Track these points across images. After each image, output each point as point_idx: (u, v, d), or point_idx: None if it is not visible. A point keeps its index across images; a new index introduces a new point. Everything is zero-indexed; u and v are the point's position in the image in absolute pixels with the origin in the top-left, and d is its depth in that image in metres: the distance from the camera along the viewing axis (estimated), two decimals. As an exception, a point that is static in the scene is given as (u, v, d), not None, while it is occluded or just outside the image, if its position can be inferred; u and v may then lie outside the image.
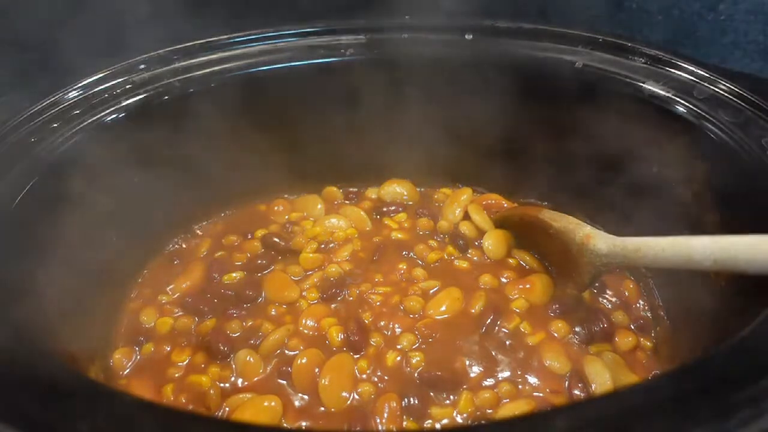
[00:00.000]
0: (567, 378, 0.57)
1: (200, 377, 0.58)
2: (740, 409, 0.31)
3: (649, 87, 0.64)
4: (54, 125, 0.61)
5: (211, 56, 0.73)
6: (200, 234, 0.78)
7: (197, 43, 0.74)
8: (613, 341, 0.62)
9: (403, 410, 0.54)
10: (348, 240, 0.75)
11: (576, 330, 0.62)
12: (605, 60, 0.69)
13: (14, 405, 0.34)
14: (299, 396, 0.57)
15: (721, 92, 0.61)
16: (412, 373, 0.58)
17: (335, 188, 0.83)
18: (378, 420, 0.54)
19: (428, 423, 0.54)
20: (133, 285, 0.70)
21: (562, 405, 0.37)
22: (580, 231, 0.61)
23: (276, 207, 0.81)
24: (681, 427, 0.31)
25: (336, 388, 0.56)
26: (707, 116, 0.59)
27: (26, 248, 0.53)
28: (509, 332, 0.62)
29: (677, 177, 0.64)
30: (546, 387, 0.57)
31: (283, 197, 0.83)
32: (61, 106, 0.63)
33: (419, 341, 0.61)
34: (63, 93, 0.64)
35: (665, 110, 0.63)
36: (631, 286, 0.68)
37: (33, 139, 0.59)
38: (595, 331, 0.62)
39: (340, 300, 0.66)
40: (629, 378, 0.58)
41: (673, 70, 0.65)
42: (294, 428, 0.54)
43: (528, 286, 0.66)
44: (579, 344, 0.61)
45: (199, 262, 0.72)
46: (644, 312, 0.66)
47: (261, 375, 0.59)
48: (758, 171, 0.53)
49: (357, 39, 0.76)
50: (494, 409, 0.55)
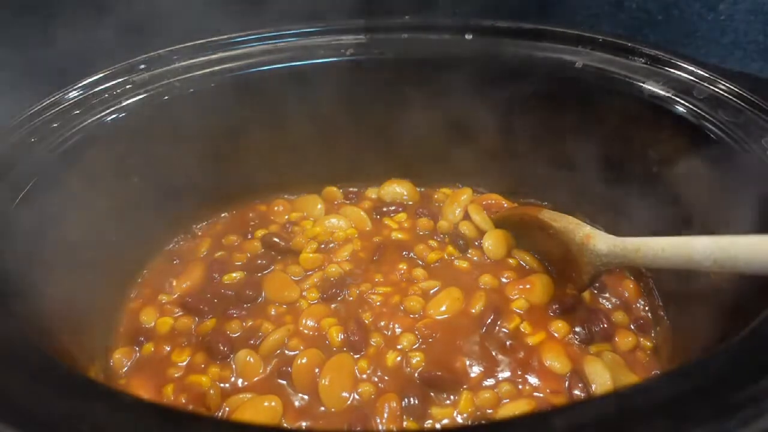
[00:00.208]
0: (567, 378, 0.57)
1: (200, 377, 0.58)
2: (740, 409, 0.31)
3: (649, 87, 0.64)
4: (54, 125, 0.61)
5: (211, 56, 0.73)
6: (200, 234, 0.78)
7: (197, 43, 0.74)
8: (613, 341, 0.62)
9: (404, 410, 0.54)
10: (348, 240, 0.75)
11: (576, 330, 0.63)
12: (605, 60, 0.69)
13: (14, 405, 0.34)
14: (299, 396, 0.57)
15: (721, 92, 0.61)
16: (413, 373, 0.58)
17: (335, 188, 0.83)
18: (378, 420, 0.54)
19: (428, 423, 0.54)
20: (133, 285, 0.70)
21: (562, 405, 0.37)
22: (580, 231, 0.61)
23: (276, 207, 0.81)
24: (681, 427, 0.30)
25: (336, 388, 0.56)
26: (707, 116, 0.59)
27: (26, 248, 0.53)
28: (509, 332, 0.62)
29: (677, 177, 0.64)
30: (546, 387, 0.57)
31: (283, 197, 0.83)
32: (61, 106, 0.63)
33: (419, 341, 0.61)
34: (63, 93, 0.64)
35: (665, 110, 0.63)
36: (631, 286, 0.68)
37: (33, 139, 0.59)
38: (595, 331, 0.62)
39: (340, 300, 0.66)
40: (629, 378, 0.58)
41: (673, 70, 0.65)
42: (294, 428, 0.54)
43: (528, 286, 0.66)
44: (579, 344, 0.61)
45: (199, 262, 0.72)
46: (644, 312, 0.66)
47: (261, 375, 0.59)
48: (758, 171, 0.53)
49: (357, 39, 0.76)
50: (494, 409, 0.55)
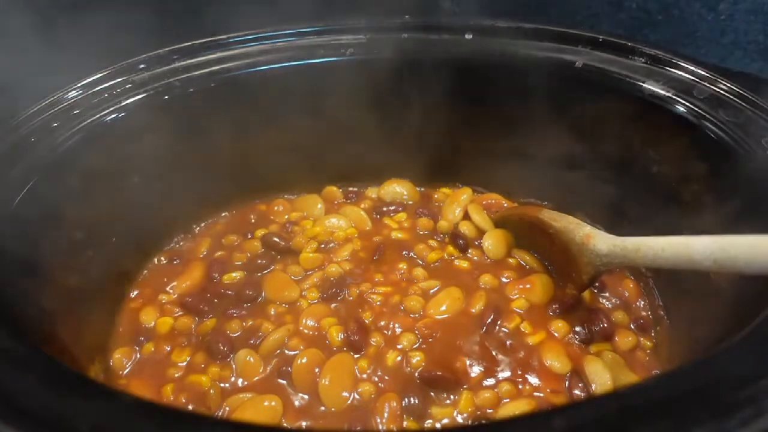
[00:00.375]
0: (567, 378, 0.57)
1: (200, 377, 0.58)
2: (740, 409, 0.31)
3: (649, 87, 0.64)
4: (54, 125, 0.61)
5: (211, 56, 0.73)
6: (200, 234, 0.78)
7: (197, 43, 0.74)
8: (613, 341, 0.62)
9: (404, 410, 0.54)
10: (348, 240, 0.75)
11: (576, 330, 0.63)
12: (605, 60, 0.69)
13: (14, 404, 0.33)
14: (299, 396, 0.57)
15: (721, 92, 0.61)
16: (413, 373, 0.58)
17: (335, 188, 0.83)
18: (378, 420, 0.54)
19: (428, 423, 0.54)
20: (133, 285, 0.70)
21: (563, 405, 0.37)
22: (580, 231, 0.61)
23: (276, 207, 0.81)
24: (681, 427, 0.30)
25: (336, 388, 0.56)
26: (707, 116, 0.59)
27: (26, 248, 0.53)
28: (509, 332, 0.62)
29: (677, 177, 0.64)
30: (546, 387, 0.57)
31: (283, 197, 0.83)
32: (61, 106, 0.63)
33: (419, 341, 0.61)
34: (63, 93, 0.64)
35: (665, 110, 0.63)
36: (631, 286, 0.68)
37: (33, 139, 0.59)
38: (595, 331, 0.62)
39: (340, 300, 0.66)
40: (629, 378, 0.58)
41: (673, 70, 0.65)
42: (294, 428, 0.54)
43: (528, 286, 0.66)
44: (579, 344, 0.61)
45: (199, 262, 0.72)
46: (644, 312, 0.66)
47: (261, 375, 0.59)
48: (758, 171, 0.53)
49: (357, 39, 0.76)
50: (494, 409, 0.55)
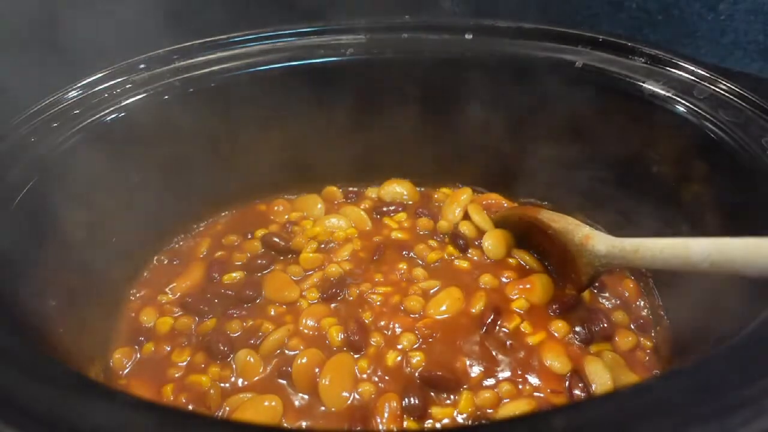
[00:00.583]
0: (567, 378, 0.57)
1: (200, 377, 0.58)
2: (740, 409, 0.31)
3: (649, 87, 0.64)
4: (54, 125, 0.61)
5: (211, 56, 0.73)
6: (200, 234, 0.78)
7: (197, 43, 0.74)
8: (614, 341, 0.62)
9: (404, 410, 0.54)
10: (348, 240, 0.74)
11: (576, 330, 0.63)
12: (605, 60, 0.69)
13: (14, 405, 0.33)
14: (299, 396, 0.57)
15: (721, 92, 0.61)
16: (413, 373, 0.58)
17: (335, 188, 0.83)
18: (378, 420, 0.54)
19: (429, 423, 0.54)
20: (133, 285, 0.70)
21: (563, 405, 0.37)
22: (579, 231, 0.61)
23: (276, 207, 0.81)
24: (681, 427, 0.31)
25: (336, 388, 0.56)
26: (707, 116, 0.59)
27: (26, 248, 0.53)
28: (509, 332, 0.62)
29: (677, 177, 0.64)
30: (546, 387, 0.57)
31: (283, 197, 0.83)
32: (61, 106, 0.63)
33: (419, 341, 0.61)
34: (63, 93, 0.64)
35: (665, 110, 0.63)
36: (631, 286, 0.68)
37: (33, 139, 0.59)
38: (596, 331, 0.62)
39: (340, 300, 0.66)
40: (629, 378, 0.58)
41: (673, 70, 0.65)
42: (294, 428, 0.54)
43: (528, 286, 0.66)
44: (579, 344, 0.61)
45: (199, 262, 0.72)
46: (644, 312, 0.66)
47: (261, 375, 0.59)
48: (758, 171, 0.53)
49: (357, 39, 0.76)
50: (495, 409, 0.55)
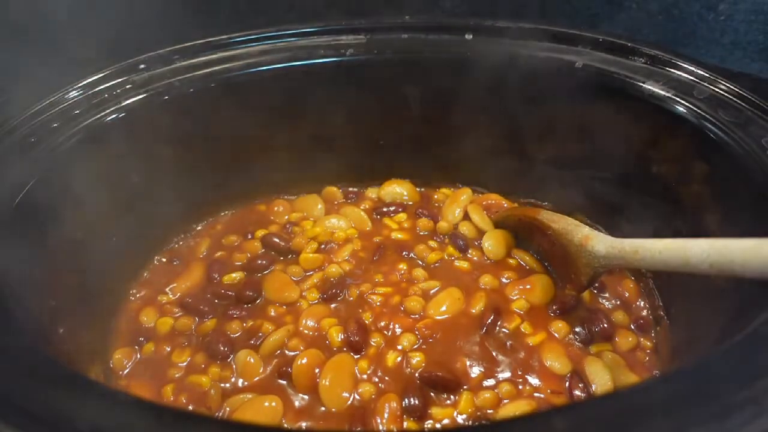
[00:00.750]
0: (567, 378, 0.57)
1: (200, 377, 0.58)
2: (740, 409, 0.31)
3: (649, 87, 0.64)
4: (54, 125, 0.61)
5: (211, 56, 0.73)
6: (200, 234, 0.78)
7: (197, 43, 0.74)
8: (614, 341, 0.62)
9: (404, 410, 0.54)
10: (348, 240, 0.74)
11: (576, 330, 0.63)
12: (605, 60, 0.69)
13: (14, 405, 0.33)
14: (299, 396, 0.57)
15: (721, 92, 0.61)
16: (413, 374, 0.58)
17: (335, 188, 0.83)
18: (378, 420, 0.54)
19: (429, 423, 0.54)
20: (133, 285, 0.70)
21: (563, 405, 0.37)
22: (579, 232, 0.61)
23: (276, 207, 0.81)
24: (681, 427, 0.30)
25: (336, 389, 0.56)
26: (707, 116, 0.59)
27: (26, 248, 0.53)
28: (510, 332, 0.62)
29: (677, 177, 0.64)
30: (547, 387, 0.57)
31: (283, 197, 0.83)
32: (61, 106, 0.63)
33: (420, 341, 0.61)
34: (63, 93, 0.64)
35: (665, 110, 0.63)
36: (631, 286, 0.68)
37: (33, 139, 0.59)
38: (596, 331, 0.62)
39: (341, 300, 0.66)
40: (629, 378, 0.58)
41: (673, 70, 0.65)
42: (294, 428, 0.54)
43: (528, 287, 0.66)
44: (579, 344, 0.61)
45: (199, 262, 0.72)
46: (644, 312, 0.66)
47: (261, 375, 0.59)
48: (758, 171, 0.53)
49: (357, 39, 0.76)
50: (495, 410, 0.55)
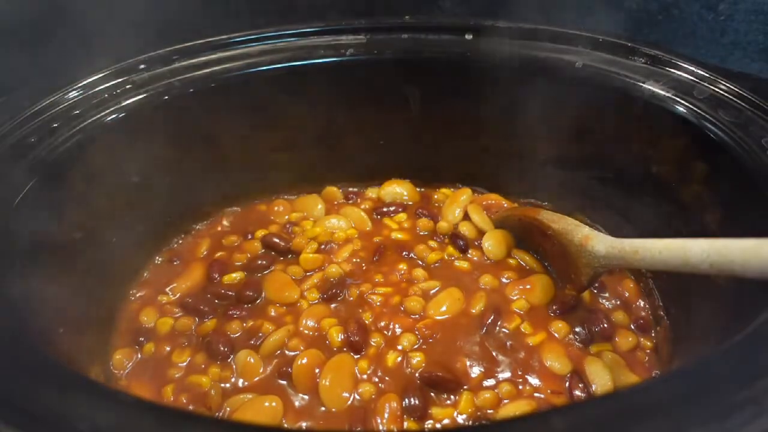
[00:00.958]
0: (567, 378, 0.57)
1: (201, 377, 0.58)
2: (740, 409, 0.31)
3: (649, 87, 0.64)
4: (54, 125, 0.61)
5: (211, 56, 0.73)
6: (200, 234, 0.78)
7: (197, 43, 0.74)
8: (614, 341, 0.62)
9: (404, 410, 0.54)
10: (348, 240, 0.74)
11: (576, 330, 0.63)
12: (605, 60, 0.69)
13: (14, 405, 0.33)
14: (300, 396, 0.57)
15: (721, 92, 0.61)
16: (413, 374, 0.58)
17: (335, 188, 0.83)
18: (379, 420, 0.54)
19: (429, 423, 0.54)
20: (133, 285, 0.70)
21: (563, 405, 0.37)
22: (579, 232, 0.61)
23: (276, 207, 0.81)
24: (681, 427, 0.30)
25: (336, 389, 0.56)
26: (707, 116, 0.59)
27: (26, 248, 0.53)
28: (510, 332, 0.62)
29: (677, 177, 0.64)
30: (547, 387, 0.57)
31: (283, 197, 0.83)
32: (61, 106, 0.63)
33: (420, 341, 0.61)
34: (63, 93, 0.64)
35: (665, 110, 0.63)
36: (631, 286, 0.68)
37: (33, 139, 0.59)
38: (596, 331, 0.62)
39: (341, 300, 0.66)
40: (629, 378, 0.58)
41: (673, 70, 0.65)
42: (294, 428, 0.54)
43: (528, 287, 0.66)
44: (579, 344, 0.61)
45: (199, 262, 0.72)
46: (644, 312, 0.66)
47: (261, 375, 0.59)
48: (758, 171, 0.53)
49: (357, 39, 0.76)
50: (495, 410, 0.55)
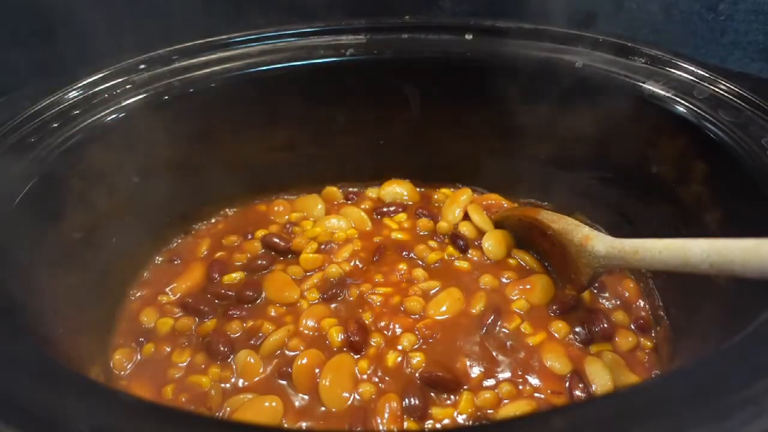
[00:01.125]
0: (568, 378, 0.57)
1: (201, 378, 0.58)
2: (740, 409, 0.31)
3: (649, 87, 0.64)
4: (54, 125, 0.61)
5: (211, 56, 0.73)
6: (200, 234, 0.78)
7: (197, 43, 0.74)
8: (614, 341, 0.62)
9: (404, 410, 0.54)
10: (348, 240, 0.74)
11: (576, 330, 0.63)
12: (605, 60, 0.69)
13: (14, 405, 0.33)
14: (300, 396, 0.57)
15: (721, 92, 0.61)
16: (413, 374, 0.58)
17: (335, 188, 0.83)
18: (379, 420, 0.54)
19: (429, 423, 0.54)
20: (133, 285, 0.70)
21: (563, 405, 0.37)
22: (579, 232, 0.61)
23: (276, 207, 0.81)
24: (681, 427, 0.30)
25: (336, 389, 0.56)
26: (707, 116, 0.59)
27: (26, 249, 0.53)
28: (510, 332, 0.62)
29: (677, 177, 0.64)
30: (547, 387, 0.57)
31: (283, 197, 0.83)
32: (61, 106, 0.63)
33: (420, 341, 0.61)
34: (63, 93, 0.64)
35: (665, 110, 0.63)
36: (631, 286, 0.68)
37: (33, 139, 0.59)
38: (596, 331, 0.62)
39: (341, 300, 0.66)
40: (629, 378, 0.58)
41: (673, 70, 0.65)
42: (294, 428, 0.54)
43: (528, 287, 0.66)
44: (579, 344, 0.61)
45: (199, 262, 0.72)
46: (644, 312, 0.66)
47: (261, 375, 0.59)
48: (758, 171, 0.53)
49: (357, 39, 0.76)
50: (495, 410, 0.55)
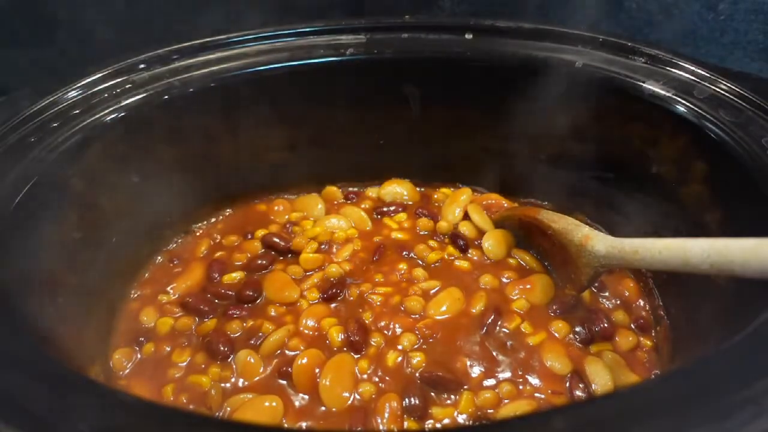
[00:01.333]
0: (568, 378, 0.57)
1: (201, 377, 0.58)
2: (740, 409, 0.31)
3: (649, 87, 0.64)
4: (54, 125, 0.61)
5: (211, 56, 0.73)
6: (200, 234, 0.78)
7: (197, 43, 0.74)
8: (614, 341, 0.62)
9: (404, 410, 0.54)
10: (348, 240, 0.74)
11: (576, 330, 0.63)
12: (605, 60, 0.69)
13: (14, 405, 0.33)
14: (300, 396, 0.57)
15: (721, 92, 0.61)
16: (413, 373, 0.58)
17: (335, 188, 0.83)
18: (379, 420, 0.54)
19: (429, 423, 0.54)
20: (133, 285, 0.70)
21: (563, 405, 0.37)
22: (579, 232, 0.61)
23: (276, 207, 0.81)
24: (681, 427, 0.31)
25: (337, 388, 0.56)
26: (707, 116, 0.59)
27: (26, 248, 0.53)
28: (510, 332, 0.62)
29: (677, 177, 0.64)
30: (547, 387, 0.57)
31: (283, 197, 0.83)
32: (61, 106, 0.63)
33: (420, 341, 0.61)
34: (63, 93, 0.64)
35: (665, 110, 0.63)
36: (632, 286, 0.68)
37: (33, 139, 0.59)
38: (596, 331, 0.62)
39: (341, 300, 0.66)
40: (629, 378, 0.58)
41: (673, 70, 0.65)
42: (294, 428, 0.54)
43: (528, 287, 0.66)
44: (579, 344, 0.61)
45: (199, 262, 0.72)
46: (644, 312, 0.66)
47: (261, 375, 0.59)
48: (758, 171, 0.53)
49: (357, 39, 0.76)
50: (495, 410, 0.55)
